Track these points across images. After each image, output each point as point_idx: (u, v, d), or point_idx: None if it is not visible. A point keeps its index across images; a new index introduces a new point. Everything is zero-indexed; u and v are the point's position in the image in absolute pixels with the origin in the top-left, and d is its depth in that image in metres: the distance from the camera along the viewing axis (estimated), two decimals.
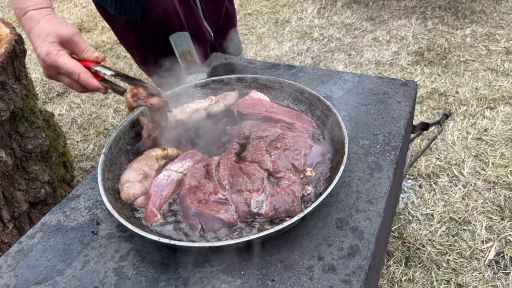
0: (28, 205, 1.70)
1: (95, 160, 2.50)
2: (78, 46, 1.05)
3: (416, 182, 2.10)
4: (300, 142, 1.07)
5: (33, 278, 0.90)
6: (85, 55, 1.06)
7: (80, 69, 1.01)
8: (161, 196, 0.98)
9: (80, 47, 1.05)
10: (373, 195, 1.00)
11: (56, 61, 1.00)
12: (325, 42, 3.42)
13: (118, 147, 1.12)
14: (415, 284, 1.68)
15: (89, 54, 1.05)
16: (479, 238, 1.81)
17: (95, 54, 1.06)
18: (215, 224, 0.91)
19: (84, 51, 1.05)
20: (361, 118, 1.24)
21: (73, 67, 1.01)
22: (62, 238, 0.98)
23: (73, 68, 1.01)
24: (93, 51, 1.06)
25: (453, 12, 3.61)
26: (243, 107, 1.25)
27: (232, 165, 1.02)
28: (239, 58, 1.73)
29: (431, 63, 3.00)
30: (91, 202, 1.06)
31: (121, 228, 0.98)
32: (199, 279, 0.86)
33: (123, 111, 2.87)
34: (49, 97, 3.13)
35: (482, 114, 2.47)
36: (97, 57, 1.06)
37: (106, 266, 0.90)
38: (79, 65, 1.02)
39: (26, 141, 1.67)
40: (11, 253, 0.96)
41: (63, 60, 1.00)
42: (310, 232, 0.93)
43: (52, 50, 1.00)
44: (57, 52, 1.00)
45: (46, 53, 1.00)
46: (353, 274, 0.84)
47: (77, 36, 1.04)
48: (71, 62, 1.01)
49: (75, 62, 1.03)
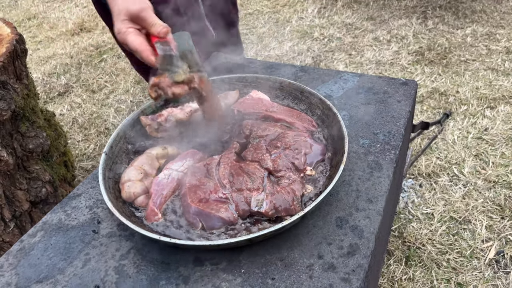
0: (29, 204, 1.71)
1: (96, 160, 2.50)
2: (145, 22, 1.06)
3: (416, 182, 2.10)
4: (300, 141, 1.07)
5: (34, 276, 0.90)
6: (151, 30, 1.07)
7: (142, 47, 1.04)
8: (162, 195, 0.99)
9: (148, 22, 1.06)
10: (373, 194, 1.00)
11: (124, 40, 1.05)
12: (326, 41, 3.42)
13: (119, 146, 1.13)
14: (415, 283, 1.68)
15: (153, 30, 1.07)
16: (479, 237, 1.81)
17: (157, 29, 1.06)
18: (216, 223, 0.92)
19: (150, 26, 1.07)
20: (361, 117, 1.25)
21: (136, 46, 1.04)
22: (63, 236, 0.98)
23: (136, 47, 1.04)
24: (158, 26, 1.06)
25: (453, 11, 3.61)
26: (244, 106, 1.25)
27: (233, 164, 1.02)
28: (240, 58, 1.73)
29: (432, 62, 3.01)
30: (92, 201, 1.07)
31: (122, 227, 0.99)
32: (200, 278, 0.86)
33: (124, 111, 2.88)
34: (50, 96, 3.13)
35: (482, 113, 2.47)
36: (159, 32, 1.06)
37: (107, 265, 0.91)
38: (142, 44, 1.05)
39: (27, 141, 1.67)
40: (12, 251, 0.96)
41: (129, 38, 1.04)
42: (310, 230, 0.94)
43: (121, 28, 1.05)
44: (126, 30, 1.05)
45: (117, 32, 1.05)
46: (352, 272, 0.84)
47: (144, 12, 1.05)
48: (135, 41, 1.04)
49: (140, 41, 1.05)
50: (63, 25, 4.23)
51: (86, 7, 4.55)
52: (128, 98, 3.00)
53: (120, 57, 3.56)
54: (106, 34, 3.95)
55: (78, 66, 3.48)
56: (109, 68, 3.40)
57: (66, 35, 4.05)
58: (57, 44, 3.88)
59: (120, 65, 3.42)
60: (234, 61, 1.57)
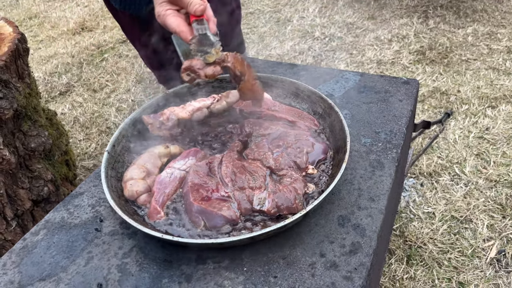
0: (31, 203, 1.71)
1: (98, 159, 2.51)
2: (182, 1, 1.07)
3: (417, 181, 2.11)
4: (302, 140, 1.07)
5: (37, 274, 0.90)
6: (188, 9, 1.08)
7: (180, 28, 1.06)
8: (164, 194, 0.99)
9: (184, 1, 1.07)
10: (374, 193, 1.01)
11: (164, 22, 1.08)
12: (327, 41, 3.42)
13: (121, 145, 1.13)
14: (417, 282, 1.68)
15: (190, 9, 1.08)
16: (481, 236, 1.81)
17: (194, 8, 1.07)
18: (218, 221, 0.92)
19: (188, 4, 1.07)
20: (362, 116, 1.25)
21: (174, 27, 1.07)
22: (66, 235, 0.99)
23: (174, 28, 1.07)
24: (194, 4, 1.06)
25: (454, 11, 3.60)
26: (245, 105, 1.25)
27: (235, 162, 1.03)
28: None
29: (433, 62, 3.00)
30: (95, 199, 1.07)
31: (124, 225, 0.99)
32: (202, 276, 0.87)
33: (125, 110, 2.88)
34: (52, 96, 3.14)
35: (483, 113, 2.47)
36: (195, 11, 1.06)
37: (110, 263, 0.91)
38: (180, 25, 1.06)
39: (29, 140, 1.68)
40: (15, 250, 0.97)
41: (168, 20, 1.07)
42: (312, 229, 0.94)
43: (160, 11, 1.07)
44: (165, 13, 1.07)
45: (157, 15, 1.08)
46: (355, 271, 0.85)
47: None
48: (174, 22, 1.06)
49: (178, 22, 1.07)
50: (65, 24, 4.24)
51: (87, 7, 4.55)
52: (129, 97, 3.00)
53: (121, 56, 3.57)
54: (107, 33, 3.96)
55: (80, 65, 3.49)
56: (110, 67, 3.40)
57: (68, 34, 4.05)
58: (58, 44, 3.89)
59: (121, 64, 3.43)
60: None
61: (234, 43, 1.82)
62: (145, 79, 3.20)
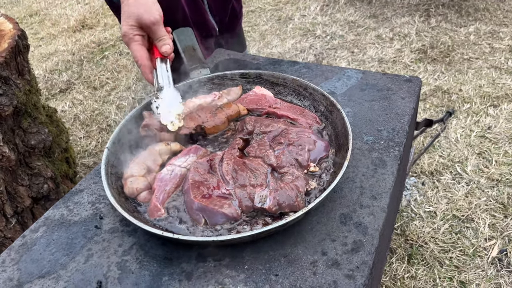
0: (31, 200, 1.71)
1: (98, 157, 2.50)
2: (155, 34, 1.13)
3: (419, 180, 2.10)
4: (303, 138, 1.06)
5: (36, 271, 0.90)
6: (157, 44, 1.14)
7: (142, 61, 1.12)
8: (165, 191, 0.98)
9: (156, 35, 1.13)
10: (377, 191, 1.00)
11: (128, 45, 1.12)
12: (328, 39, 3.41)
13: (121, 142, 1.12)
14: (418, 281, 1.67)
15: (159, 45, 1.13)
16: (482, 235, 1.80)
17: (163, 49, 1.13)
18: (219, 219, 0.91)
19: (158, 40, 1.13)
20: (364, 114, 1.24)
21: (138, 57, 1.12)
22: (66, 232, 0.98)
23: (137, 58, 1.12)
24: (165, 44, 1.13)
25: (456, 9, 3.59)
26: (247, 102, 1.24)
27: (236, 160, 1.02)
28: (242, 55, 1.72)
29: (435, 60, 2.99)
30: (94, 196, 1.06)
31: (124, 223, 0.98)
32: (203, 274, 0.86)
33: (125, 108, 2.87)
34: (52, 93, 3.13)
35: (485, 112, 2.46)
36: (163, 52, 1.13)
37: (110, 260, 0.90)
38: (143, 57, 1.12)
39: (29, 137, 1.67)
40: (14, 247, 0.96)
41: (133, 46, 1.11)
42: (314, 227, 0.93)
43: (128, 33, 1.11)
44: (132, 37, 1.11)
45: (123, 34, 1.11)
46: (357, 269, 0.84)
47: (156, 26, 1.11)
48: (138, 52, 1.12)
49: (142, 53, 1.12)
50: (65, 22, 4.23)
51: (87, 4, 4.54)
52: (129, 95, 3.00)
53: (122, 54, 3.56)
54: (108, 31, 3.95)
55: (80, 63, 3.48)
56: (111, 65, 3.39)
57: (68, 32, 4.05)
58: (58, 41, 3.88)
59: (122, 62, 3.42)
60: (236, 57, 1.57)
61: (234, 40, 1.81)
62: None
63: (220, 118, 1.17)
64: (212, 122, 1.16)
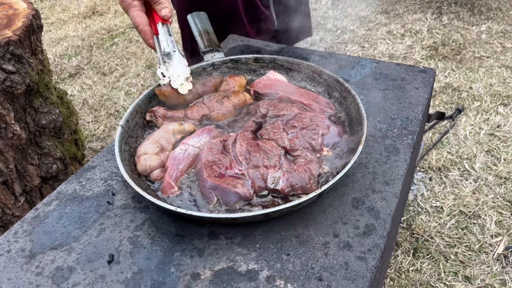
0: (40, 179, 1.71)
1: (106, 141, 2.51)
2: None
3: (426, 175, 2.09)
4: (317, 122, 1.06)
5: (49, 243, 0.90)
6: (156, 8, 1.12)
7: (142, 27, 1.11)
8: (178, 169, 0.98)
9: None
10: (389, 177, 1.00)
11: (126, 10, 1.11)
12: (339, 33, 3.39)
13: (135, 120, 1.12)
14: (423, 275, 1.67)
15: (158, 9, 1.11)
16: (489, 232, 1.80)
17: (163, 12, 1.11)
18: (231, 198, 0.91)
19: (156, 4, 1.11)
20: (378, 102, 1.23)
21: (138, 23, 1.11)
22: (78, 206, 0.98)
23: (137, 23, 1.11)
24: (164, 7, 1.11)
25: (469, 8, 3.57)
26: (260, 87, 1.24)
27: (249, 141, 1.02)
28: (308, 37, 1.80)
29: (445, 58, 2.98)
30: (107, 173, 1.07)
31: (137, 199, 0.99)
32: (214, 251, 0.86)
33: (134, 94, 2.88)
34: (61, 77, 3.13)
35: (495, 110, 2.45)
36: (163, 16, 1.12)
37: (122, 235, 0.91)
38: (143, 22, 1.11)
39: (40, 116, 1.68)
40: (27, 219, 0.96)
41: (132, 12, 1.10)
42: (326, 210, 0.93)
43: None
44: (131, 2, 1.10)
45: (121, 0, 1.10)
46: (368, 252, 0.84)
47: None
48: (137, 18, 1.10)
49: (142, 18, 1.11)
50: (76, 7, 4.23)
51: None
52: (138, 81, 3.00)
53: (132, 41, 3.56)
54: (118, 18, 3.95)
55: (90, 48, 3.48)
56: (120, 51, 3.39)
57: (78, 18, 4.05)
58: (69, 26, 3.88)
59: (131, 49, 3.42)
60: (250, 43, 1.56)
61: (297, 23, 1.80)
62: (155, 64, 3.19)
63: (227, 107, 1.16)
64: (219, 111, 1.15)
